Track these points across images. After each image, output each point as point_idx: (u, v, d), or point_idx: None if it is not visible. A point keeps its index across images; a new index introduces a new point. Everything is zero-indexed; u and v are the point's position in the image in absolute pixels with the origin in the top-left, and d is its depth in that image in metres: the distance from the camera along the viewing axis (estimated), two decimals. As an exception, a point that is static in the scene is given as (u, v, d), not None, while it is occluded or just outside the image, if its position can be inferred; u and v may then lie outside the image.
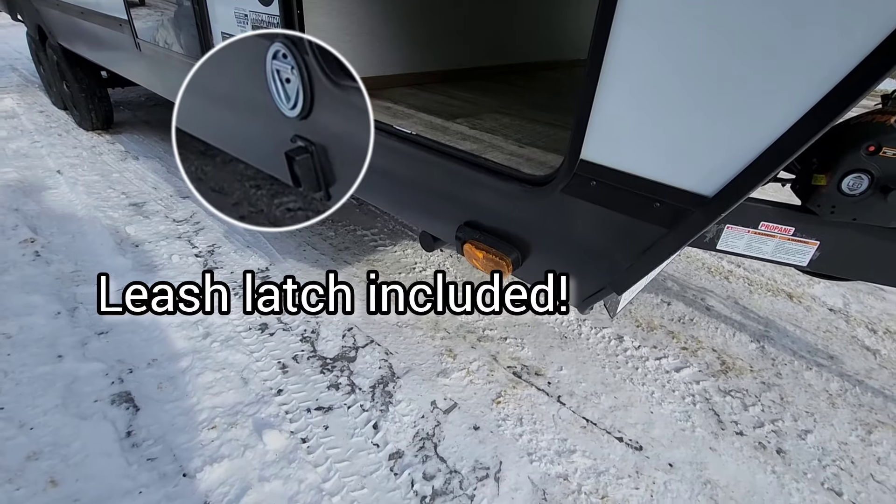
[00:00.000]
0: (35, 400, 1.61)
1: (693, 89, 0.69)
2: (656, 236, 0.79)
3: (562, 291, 0.98)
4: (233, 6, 1.47)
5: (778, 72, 0.62)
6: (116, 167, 3.50)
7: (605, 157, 0.82)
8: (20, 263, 2.31)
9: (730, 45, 0.64)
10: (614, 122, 0.79)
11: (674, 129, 0.74)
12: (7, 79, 5.66)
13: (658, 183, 0.77)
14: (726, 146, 0.68)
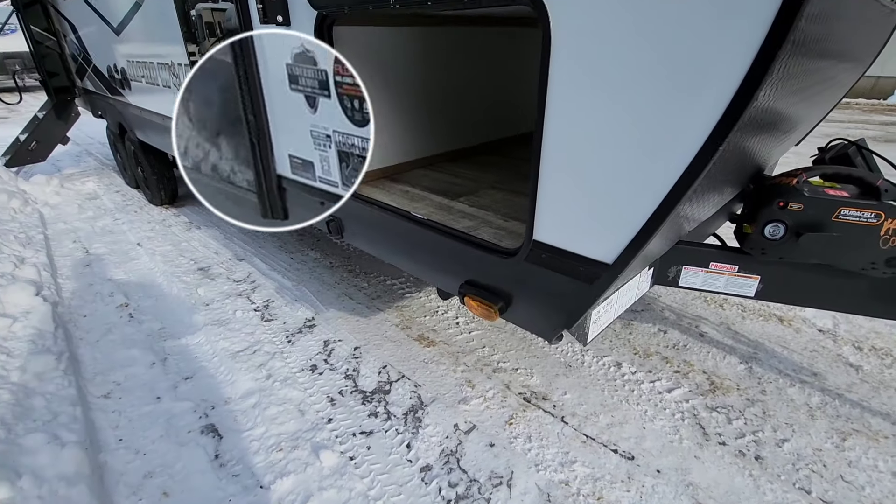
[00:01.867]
0: (144, 432, 2.06)
1: (588, 194, 1.10)
2: (584, 289, 1.18)
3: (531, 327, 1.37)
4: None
5: (640, 183, 1.01)
6: (184, 237, 4.12)
7: (548, 237, 1.23)
8: (119, 324, 2.85)
9: (608, 164, 1.04)
10: (549, 212, 1.20)
11: (582, 219, 1.14)
12: (86, 164, 6.60)
13: (579, 255, 1.16)
14: (613, 232, 1.08)
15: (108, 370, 2.43)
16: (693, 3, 0.82)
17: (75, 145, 7.00)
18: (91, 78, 4.80)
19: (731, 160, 1.13)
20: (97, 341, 2.67)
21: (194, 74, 2.59)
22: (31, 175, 5.45)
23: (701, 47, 0.84)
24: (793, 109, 1.52)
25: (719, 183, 1.35)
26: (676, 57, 0.88)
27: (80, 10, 4.12)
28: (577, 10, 0.99)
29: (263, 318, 2.90)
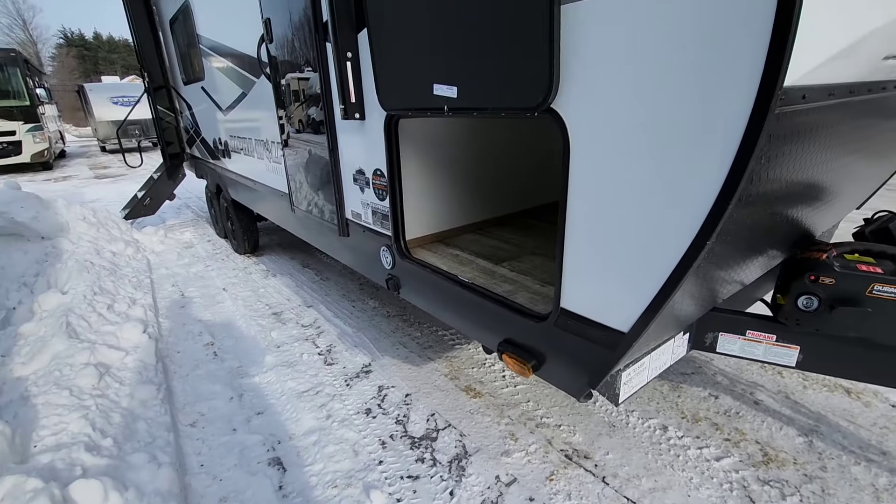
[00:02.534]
0: (221, 460, 2.35)
1: (604, 267, 1.27)
2: (605, 354, 1.32)
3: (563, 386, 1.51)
4: (359, 199, 2.38)
5: (647, 258, 1.17)
6: (261, 283, 4.63)
7: (572, 304, 1.40)
8: (205, 361, 3.26)
9: (619, 243, 1.21)
10: (573, 282, 1.38)
11: (599, 289, 1.30)
12: (185, 216, 7.60)
13: (598, 322, 1.32)
14: (627, 302, 1.23)
15: (194, 402, 2.80)
16: (683, 102, 1.02)
17: (177, 199, 8.08)
18: (199, 147, 5.69)
19: (742, 233, 1.26)
20: (187, 375, 3.08)
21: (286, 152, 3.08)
22: (142, 226, 6.38)
23: (694, 137, 1.02)
24: (821, 182, 1.62)
25: (739, 252, 1.47)
26: (676, 144, 1.06)
27: (196, 94, 5.00)
28: (585, 122, 1.23)
29: (326, 362, 3.19)
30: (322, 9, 2.12)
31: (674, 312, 1.40)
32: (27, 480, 1.64)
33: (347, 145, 2.39)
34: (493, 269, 2.12)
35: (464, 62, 1.48)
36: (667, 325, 1.52)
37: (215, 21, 3.93)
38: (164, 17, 5.42)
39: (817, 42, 0.94)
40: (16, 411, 2.27)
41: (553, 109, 1.28)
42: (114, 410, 2.41)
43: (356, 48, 2.02)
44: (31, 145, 12.63)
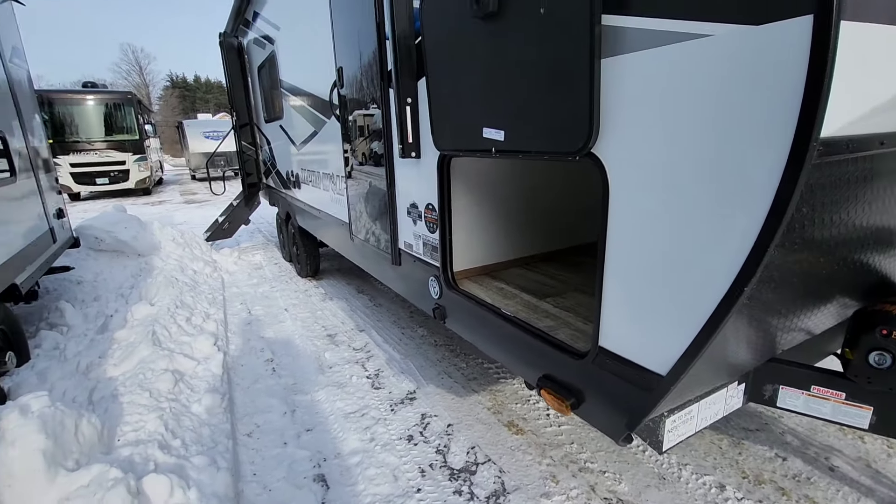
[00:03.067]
0: (272, 471, 2.49)
1: (641, 308, 1.27)
2: (642, 397, 1.30)
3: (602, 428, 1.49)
4: (411, 231, 2.52)
5: (685, 300, 1.17)
6: (319, 306, 4.90)
7: (610, 343, 1.40)
8: (264, 376, 3.49)
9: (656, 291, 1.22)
10: (611, 321, 1.39)
11: (637, 330, 1.30)
12: (256, 239, 8.24)
13: (636, 363, 1.31)
14: (665, 344, 1.23)
15: (252, 413, 3.00)
16: (718, 150, 1.05)
17: (252, 224, 8.79)
18: (273, 178, 6.24)
19: (792, 278, 1.22)
20: (248, 388, 3.31)
21: (348, 184, 3.33)
22: (220, 248, 7.01)
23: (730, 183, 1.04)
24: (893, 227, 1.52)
25: (794, 299, 1.40)
26: (711, 191, 1.08)
27: (275, 131, 5.54)
28: (624, 166, 1.28)
29: (373, 386, 3.30)
30: (388, 59, 2.35)
31: (719, 358, 1.36)
32: (110, 470, 1.86)
33: (403, 180, 2.57)
34: (536, 303, 2.15)
35: (511, 108, 1.59)
36: (713, 372, 1.48)
37: (296, 68, 4.39)
38: (253, 64, 6.11)
39: (858, 94, 0.95)
40: (106, 407, 2.57)
41: (593, 154, 1.34)
42: (184, 414, 2.65)
43: (415, 94, 2.20)
44: (137, 173, 14.40)
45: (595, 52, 1.24)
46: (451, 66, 1.85)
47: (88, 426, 2.08)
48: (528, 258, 2.82)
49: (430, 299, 2.52)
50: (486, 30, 1.59)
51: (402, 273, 2.86)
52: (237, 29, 6.32)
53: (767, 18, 0.91)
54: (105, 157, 13.80)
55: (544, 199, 2.83)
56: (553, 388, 1.64)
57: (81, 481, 1.80)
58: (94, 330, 3.80)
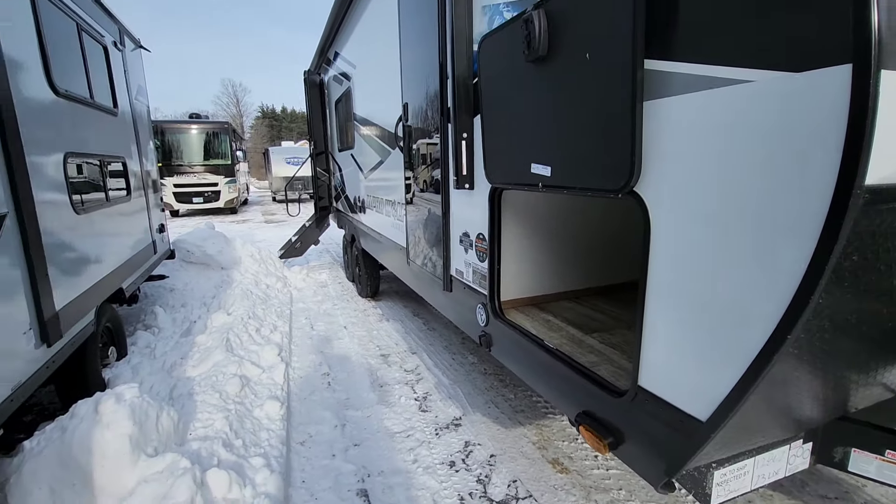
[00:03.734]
0: (319, 481, 2.62)
1: (682, 348, 1.24)
2: (681, 443, 1.25)
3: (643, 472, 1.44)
4: (462, 259, 2.62)
5: (728, 342, 1.13)
6: (375, 326, 5.10)
7: (650, 384, 1.37)
8: (320, 388, 3.68)
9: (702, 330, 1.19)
10: (651, 360, 1.36)
11: (677, 371, 1.27)
12: (324, 259, 8.76)
13: (675, 406, 1.28)
14: (705, 388, 1.18)
15: (307, 423, 3.18)
16: (758, 192, 1.04)
17: (321, 244, 9.36)
18: (342, 202, 6.67)
19: (850, 327, 1.15)
20: (305, 398, 3.51)
21: (407, 211, 3.51)
22: (292, 265, 7.54)
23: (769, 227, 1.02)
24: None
25: (857, 350, 1.30)
26: (755, 227, 1.06)
27: (346, 159, 5.97)
28: (665, 205, 1.29)
29: (420, 408, 3.36)
30: (448, 97, 2.51)
31: (768, 408, 1.29)
32: (181, 460, 2.08)
33: (457, 210, 2.69)
34: (582, 338, 2.13)
35: (558, 146, 1.65)
36: (765, 423, 1.39)
37: (368, 102, 4.75)
38: (331, 98, 6.67)
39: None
40: (183, 403, 2.86)
41: (635, 192, 1.37)
42: (247, 417, 2.88)
43: (471, 129, 2.33)
44: (226, 194, 15.96)
45: (637, 95, 1.28)
46: (504, 105, 1.96)
47: (167, 418, 2.34)
48: (579, 291, 2.80)
49: (478, 326, 2.58)
50: (536, 72, 1.69)
51: (453, 299, 2.95)
52: (319, 66, 6.96)
53: (807, 66, 0.92)
54: (201, 179, 15.48)
55: (598, 233, 2.81)
56: (592, 425, 1.62)
57: (157, 467, 2.03)
58: (179, 333, 4.24)
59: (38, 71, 2.73)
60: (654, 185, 1.32)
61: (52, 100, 2.86)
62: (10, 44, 2.35)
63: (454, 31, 2.28)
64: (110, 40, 4.21)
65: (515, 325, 2.24)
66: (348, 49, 5.40)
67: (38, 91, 2.72)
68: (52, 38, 2.89)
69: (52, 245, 2.60)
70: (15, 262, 2.25)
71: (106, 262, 3.44)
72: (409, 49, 3.15)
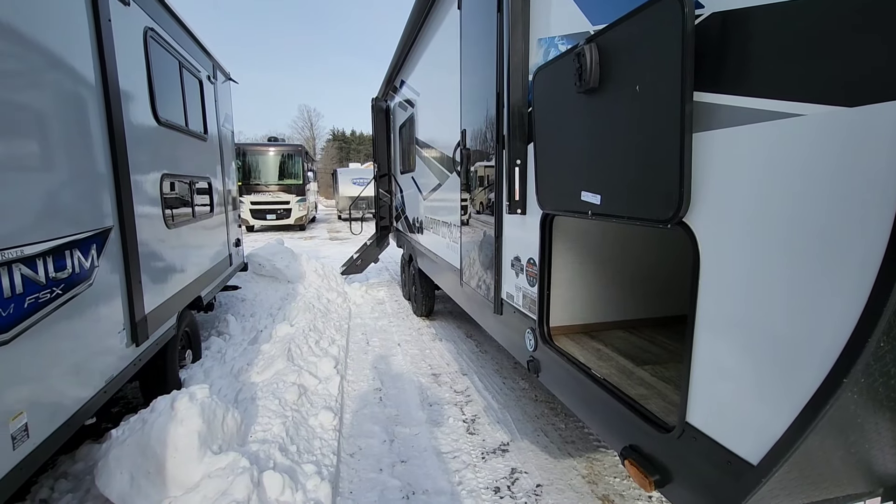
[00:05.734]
0: (366, 493, 2.69)
1: (733, 385, 1.18)
2: (730, 486, 1.18)
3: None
4: (513, 283, 2.65)
5: (782, 379, 1.06)
6: (429, 345, 5.19)
7: (698, 421, 1.30)
8: (371, 403, 3.80)
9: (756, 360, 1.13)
10: (700, 397, 1.30)
11: (727, 410, 1.20)
12: (383, 277, 9.05)
13: (725, 447, 1.20)
14: (756, 429, 1.11)
15: (357, 436, 3.29)
16: (806, 227, 1.00)
17: (380, 262, 9.70)
18: (402, 222, 6.91)
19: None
20: (357, 411, 3.64)
21: (462, 233, 3.59)
22: (352, 281, 7.87)
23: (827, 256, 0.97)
24: None
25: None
26: (807, 261, 1.02)
27: (407, 181, 6.21)
28: (715, 237, 1.25)
29: (468, 431, 3.37)
30: (504, 125, 2.59)
31: (833, 454, 1.19)
32: (241, 459, 2.24)
33: (509, 234, 2.73)
34: (632, 369, 2.06)
35: (608, 175, 1.66)
36: (829, 474, 1.28)
37: (429, 128, 4.96)
38: (396, 123, 7.01)
39: None
40: (246, 407, 3.08)
41: (684, 223, 1.34)
42: (302, 425, 3.04)
43: (525, 156, 2.38)
44: (297, 212, 17.04)
45: (686, 126, 1.27)
46: (556, 134, 2.00)
47: (232, 419, 2.54)
48: (633, 321, 2.70)
49: (526, 351, 2.57)
50: (587, 103, 1.72)
51: (503, 322, 2.96)
52: (386, 94, 7.37)
53: (861, 101, 0.89)
54: (275, 198, 16.67)
55: (654, 263, 2.72)
56: (637, 460, 1.56)
57: (220, 464, 2.20)
58: (247, 341, 4.57)
59: (144, 103, 3.16)
60: (704, 216, 1.30)
61: (154, 128, 3.29)
62: (125, 80, 2.75)
63: (510, 62, 2.37)
64: (205, 74, 4.76)
65: (564, 352, 2.21)
66: (413, 77, 5.69)
67: (144, 120, 3.14)
68: (158, 74, 3.34)
69: (146, 255, 2.95)
70: (115, 269, 2.58)
71: (189, 273, 3.82)
72: (469, 78, 3.28)
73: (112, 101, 2.57)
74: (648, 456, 1.55)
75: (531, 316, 2.47)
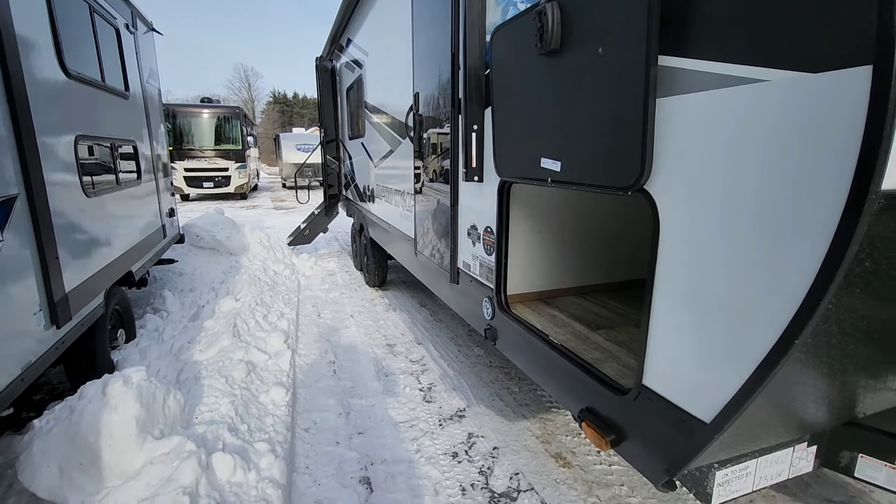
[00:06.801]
0: (322, 467, 2.65)
1: (687, 347, 1.23)
2: (683, 442, 1.25)
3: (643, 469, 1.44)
4: (470, 252, 2.61)
5: (734, 341, 1.11)
6: (382, 316, 5.13)
7: (653, 383, 1.35)
8: (325, 376, 3.72)
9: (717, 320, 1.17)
10: (655, 360, 1.35)
11: (681, 371, 1.26)
12: (332, 247, 8.80)
13: (679, 407, 1.26)
14: (709, 389, 1.17)
15: (312, 410, 3.22)
16: (773, 189, 1.02)
17: (329, 233, 9.39)
18: (351, 191, 6.67)
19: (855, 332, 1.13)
20: (310, 386, 3.55)
21: (416, 202, 3.49)
22: (300, 252, 7.58)
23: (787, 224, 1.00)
24: None
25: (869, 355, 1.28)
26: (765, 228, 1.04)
27: (356, 148, 5.95)
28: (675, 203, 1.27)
29: (425, 399, 3.39)
30: (459, 88, 2.49)
31: (774, 411, 1.28)
32: (187, 443, 2.12)
33: (465, 203, 2.68)
34: (587, 334, 2.12)
35: (568, 141, 1.63)
36: (770, 426, 1.38)
37: (379, 91, 4.72)
38: (343, 86, 6.64)
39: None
40: (190, 387, 2.91)
41: (645, 190, 1.34)
42: (252, 403, 2.92)
43: (482, 122, 2.31)
44: (237, 179, 16.05)
45: (650, 91, 1.25)
46: (515, 98, 1.94)
47: (174, 402, 2.38)
48: (586, 288, 2.78)
49: (483, 320, 2.58)
50: (548, 66, 1.66)
51: (459, 291, 2.95)
52: (332, 53, 6.92)
53: (825, 67, 0.89)
54: (212, 164, 15.57)
55: (607, 230, 2.78)
56: (594, 421, 1.62)
57: (163, 449, 2.07)
58: (187, 317, 4.30)
59: (49, 52, 2.74)
60: (665, 182, 1.30)
61: (63, 82, 2.88)
62: (22, 25, 2.36)
63: (466, 20, 2.25)
64: (122, 22, 4.22)
65: (521, 319, 2.23)
66: (361, 36, 5.36)
67: (50, 72, 2.74)
68: (64, 19, 2.90)
69: (63, 227, 2.63)
70: (25, 243, 2.28)
71: (116, 245, 3.48)
72: (422, 38, 3.11)
73: (7, 49, 2.20)
74: (604, 417, 1.61)
75: (488, 285, 2.47)
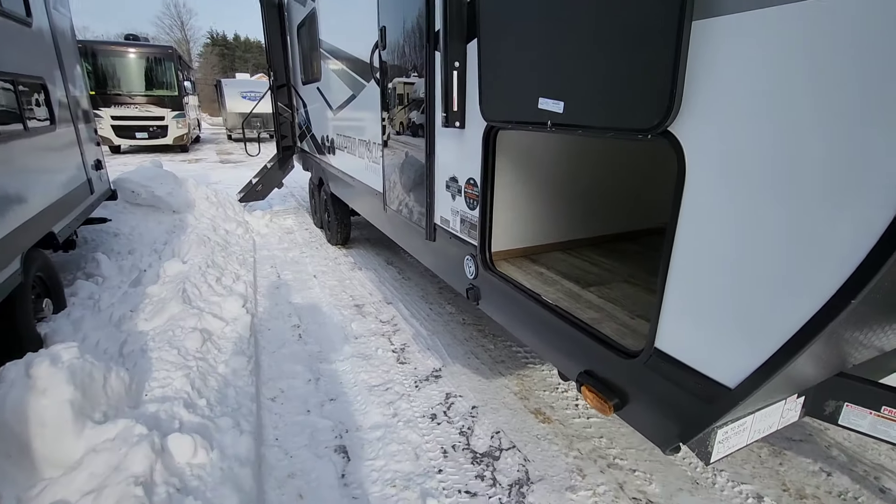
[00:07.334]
0: (293, 438, 2.49)
1: (716, 309, 1.12)
2: (703, 408, 1.17)
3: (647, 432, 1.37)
4: (449, 206, 2.39)
5: (775, 304, 1.01)
6: (348, 275, 4.88)
7: (670, 347, 1.26)
8: (290, 341, 3.49)
9: (749, 282, 1.06)
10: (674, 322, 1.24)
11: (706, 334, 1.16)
12: (289, 204, 8.27)
13: (701, 373, 1.17)
14: (739, 354, 1.08)
15: (277, 378, 3.01)
16: (829, 130, 0.87)
17: (284, 188, 8.82)
18: (308, 142, 6.16)
19: None
20: (274, 352, 3.32)
21: (384, 153, 3.20)
22: (253, 209, 7.06)
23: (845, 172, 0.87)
24: None
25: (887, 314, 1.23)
26: (816, 177, 0.92)
27: (312, 93, 5.42)
28: (707, 149, 1.10)
29: (399, 360, 3.25)
30: (436, 18, 2.17)
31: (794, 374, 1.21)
32: (136, 426, 1.87)
33: (444, 152, 2.43)
34: (579, 292, 2.01)
35: (575, 76, 1.41)
36: (781, 387, 1.32)
37: (336, 27, 4.22)
38: (293, 23, 5.95)
39: None
40: (136, 361, 2.60)
41: (670, 132, 1.17)
42: (210, 374, 2.67)
43: (464, 58, 2.03)
44: (175, 130, 14.64)
45: (687, 11, 1.05)
46: (507, 27, 1.67)
47: (117, 380, 2.10)
48: (570, 242, 2.66)
49: (465, 279, 2.42)
50: (553, -16, 1.41)
51: (436, 249, 2.75)
52: (277, -15, 6.15)
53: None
54: (145, 112, 14.06)
55: (594, 180, 2.63)
56: (595, 385, 1.52)
57: (108, 434, 1.82)
58: (127, 283, 3.88)
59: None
60: (694, 125, 1.13)
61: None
62: None
63: (445, -67, 1.92)
64: (15, -70, 3.44)
65: (508, 278, 2.08)
66: (310, -37, 4.74)
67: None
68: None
69: (-41, 181, 2.17)
70: None
71: (31, 203, 2.99)
72: (387, -40, 2.71)
73: None
74: (606, 381, 1.52)
75: (471, 241, 2.29)
